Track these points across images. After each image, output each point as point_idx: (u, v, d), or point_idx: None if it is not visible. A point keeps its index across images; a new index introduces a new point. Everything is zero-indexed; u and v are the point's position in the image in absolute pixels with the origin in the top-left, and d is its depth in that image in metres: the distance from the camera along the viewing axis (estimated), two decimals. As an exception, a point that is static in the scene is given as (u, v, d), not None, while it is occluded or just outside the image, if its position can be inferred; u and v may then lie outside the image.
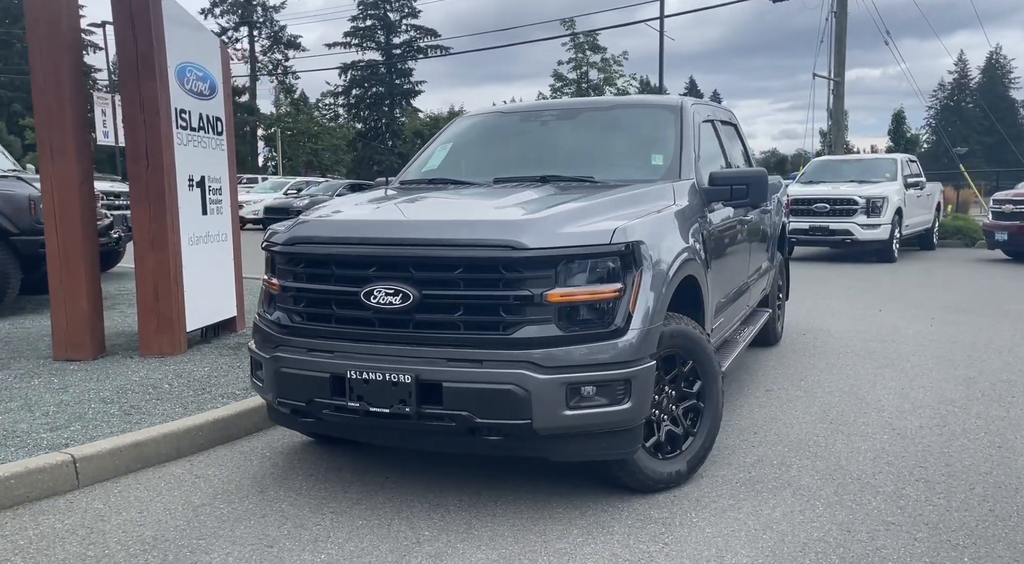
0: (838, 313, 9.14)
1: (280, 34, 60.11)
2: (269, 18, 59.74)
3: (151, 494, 3.91)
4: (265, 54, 60.35)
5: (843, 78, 27.10)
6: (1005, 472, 4.16)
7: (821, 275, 13.14)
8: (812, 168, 18.03)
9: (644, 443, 3.84)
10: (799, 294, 10.56)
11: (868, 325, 8.33)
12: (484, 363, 3.39)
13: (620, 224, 3.56)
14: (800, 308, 9.41)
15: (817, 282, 12.13)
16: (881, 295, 10.64)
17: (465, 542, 3.39)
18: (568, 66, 32.73)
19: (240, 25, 59.52)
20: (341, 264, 3.63)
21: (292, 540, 3.40)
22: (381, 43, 61.83)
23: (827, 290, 11.21)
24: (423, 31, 61.81)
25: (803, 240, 15.58)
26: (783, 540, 3.41)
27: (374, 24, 61.65)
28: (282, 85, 59.90)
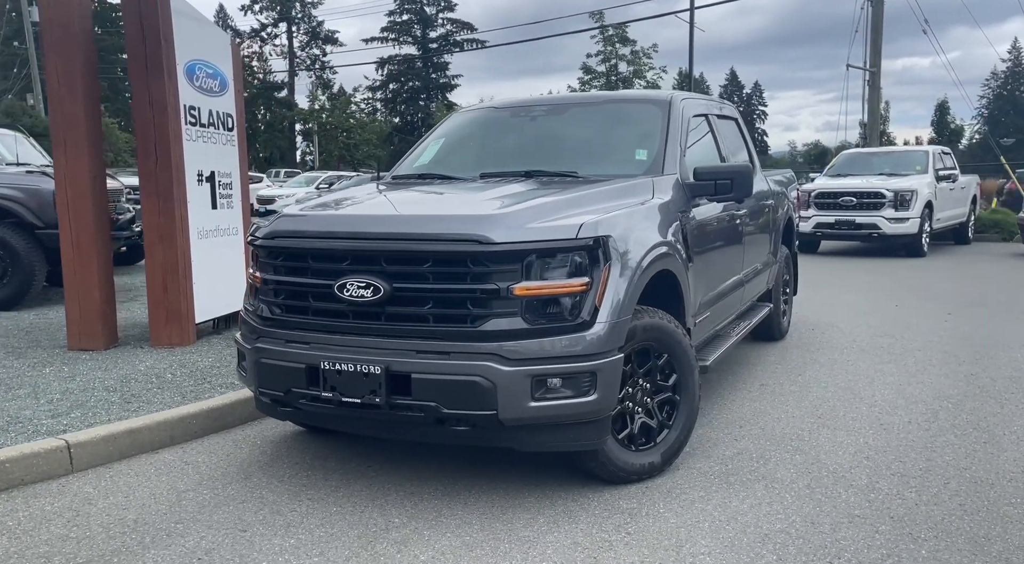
0: (852, 308, 9.07)
1: (318, 29, 60.68)
2: (307, 14, 60.31)
3: (140, 479, 4.06)
4: (303, 49, 60.96)
5: (879, 69, 26.68)
6: (984, 468, 4.14)
7: (843, 269, 13.02)
8: (841, 161, 17.81)
9: (616, 435, 3.90)
10: (815, 289, 10.50)
11: (881, 320, 8.26)
12: (451, 355, 3.47)
13: (587, 219, 3.61)
14: (813, 303, 9.35)
15: (837, 276, 12.03)
16: (902, 290, 10.52)
17: (432, 529, 3.48)
18: (597, 59, 32.59)
19: (279, 21, 60.18)
20: (317, 257, 3.73)
21: (266, 525, 3.52)
22: (417, 37, 62.14)
23: (846, 285, 11.11)
24: (459, 25, 62.00)
25: (829, 234, 15.42)
26: (744, 531, 3.45)
27: (411, 19, 61.97)
28: (319, 80, 60.48)
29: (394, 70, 62.02)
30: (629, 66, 32.17)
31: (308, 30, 60.67)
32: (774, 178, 7.09)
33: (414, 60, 62.03)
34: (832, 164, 17.92)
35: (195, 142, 6.68)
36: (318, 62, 60.88)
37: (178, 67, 6.47)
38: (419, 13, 61.72)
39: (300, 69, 60.92)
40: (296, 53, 60.98)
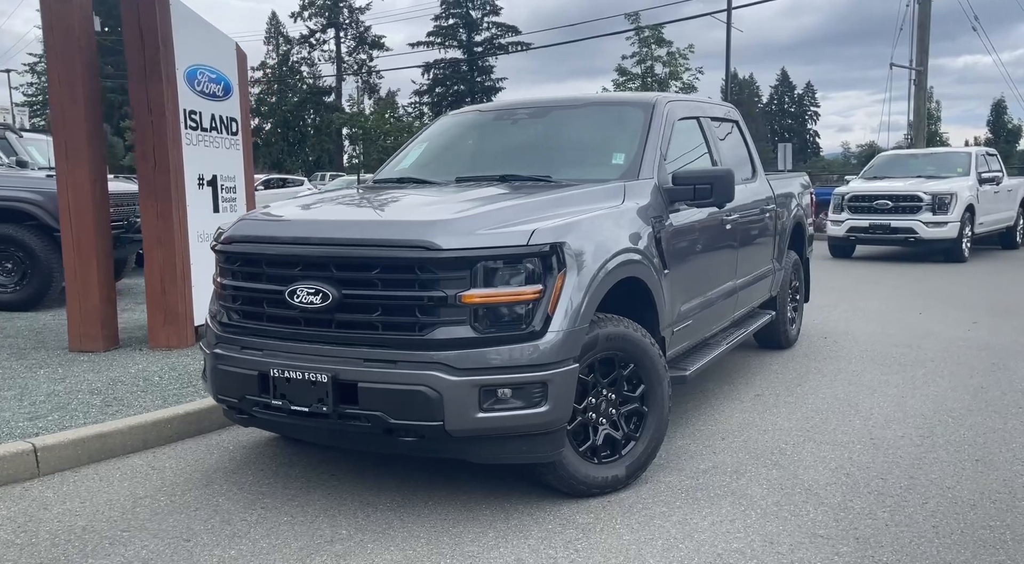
0: (872, 315, 8.79)
1: (365, 35, 61.18)
2: (355, 19, 60.86)
3: (102, 485, 4.06)
4: (351, 55, 61.56)
5: (926, 67, 26.05)
6: (970, 488, 3.94)
7: (873, 275, 12.67)
8: (879, 163, 17.36)
9: (577, 447, 3.79)
10: (839, 295, 10.24)
11: (899, 328, 7.99)
12: (398, 364, 3.41)
13: (540, 226, 3.52)
14: (833, 310, 9.11)
15: (865, 283, 11.70)
16: (932, 297, 10.18)
17: (377, 542, 3.41)
18: (632, 60, 32.23)
19: (327, 27, 60.84)
20: (270, 263, 3.70)
21: (212, 535, 3.48)
22: (463, 41, 62.32)
23: (872, 291, 10.80)
24: (504, 28, 62.00)
25: (863, 239, 15.04)
26: (698, 550, 3.32)
27: (456, 23, 62.17)
28: (366, 84, 61.00)
29: (439, 74, 62.29)
30: (665, 67, 31.80)
31: (355, 35, 61.23)
32: (781, 182, 6.89)
33: (459, 64, 62.22)
34: (869, 166, 17.46)
35: (196, 146, 6.72)
36: (364, 67, 61.42)
37: (178, 72, 6.52)
38: (464, 17, 61.89)
39: (347, 74, 61.54)
40: (343, 58, 61.60)
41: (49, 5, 6.32)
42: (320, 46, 61.68)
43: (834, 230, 15.42)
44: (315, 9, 60.06)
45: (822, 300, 9.86)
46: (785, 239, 6.64)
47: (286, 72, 61.54)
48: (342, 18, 60.58)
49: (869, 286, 11.30)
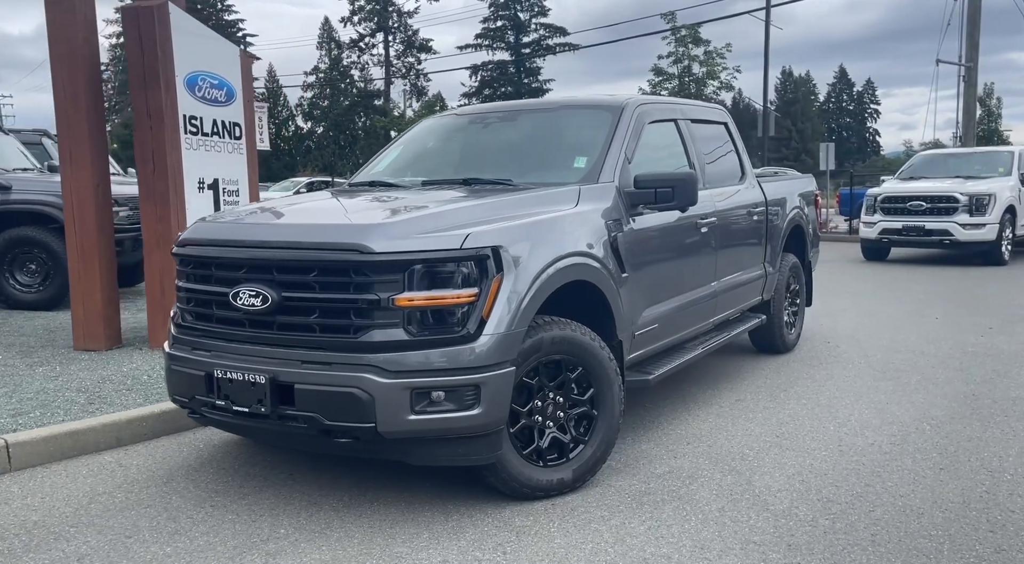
0: (885, 320, 8.61)
1: (413, 38, 61.78)
2: (403, 23, 61.48)
3: (67, 481, 4.19)
4: (399, 58, 62.18)
5: (976, 63, 25.33)
6: (924, 497, 3.86)
7: (901, 278, 12.39)
8: (918, 162, 16.95)
9: (521, 449, 3.80)
10: (856, 299, 10.07)
11: (908, 334, 7.81)
12: (333, 366, 3.46)
13: (476, 230, 3.55)
14: (845, 314, 8.95)
15: (890, 286, 11.45)
16: (956, 301, 9.93)
17: (311, 541, 3.47)
18: (668, 60, 31.90)
19: (376, 31, 61.58)
20: (218, 266, 3.78)
21: (155, 532, 3.57)
22: (511, 43, 62.48)
23: (894, 295, 10.57)
24: (552, 29, 61.99)
25: (896, 241, 14.71)
26: (625, 555, 3.32)
27: (504, 25, 62.35)
28: (414, 87, 61.53)
29: (486, 76, 62.53)
30: (702, 67, 31.45)
31: (404, 39, 61.85)
32: (776, 184, 6.80)
33: (506, 65, 62.38)
34: (907, 165, 17.06)
35: (196, 151, 6.88)
36: (413, 70, 61.99)
37: (177, 79, 6.67)
38: (513, 19, 62.03)
39: (395, 77, 62.17)
40: (392, 62, 62.25)
41: (54, 18, 6.54)
42: (369, 50, 62.47)
43: (866, 232, 15.12)
44: (364, 14, 60.84)
45: (838, 304, 9.71)
46: (779, 241, 6.55)
47: (336, 76, 62.40)
48: (391, 22, 61.22)
49: (893, 290, 11.06)
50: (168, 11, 6.55)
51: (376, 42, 61.95)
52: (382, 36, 61.87)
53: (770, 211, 6.37)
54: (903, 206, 14.56)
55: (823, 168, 25.84)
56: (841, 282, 11.91)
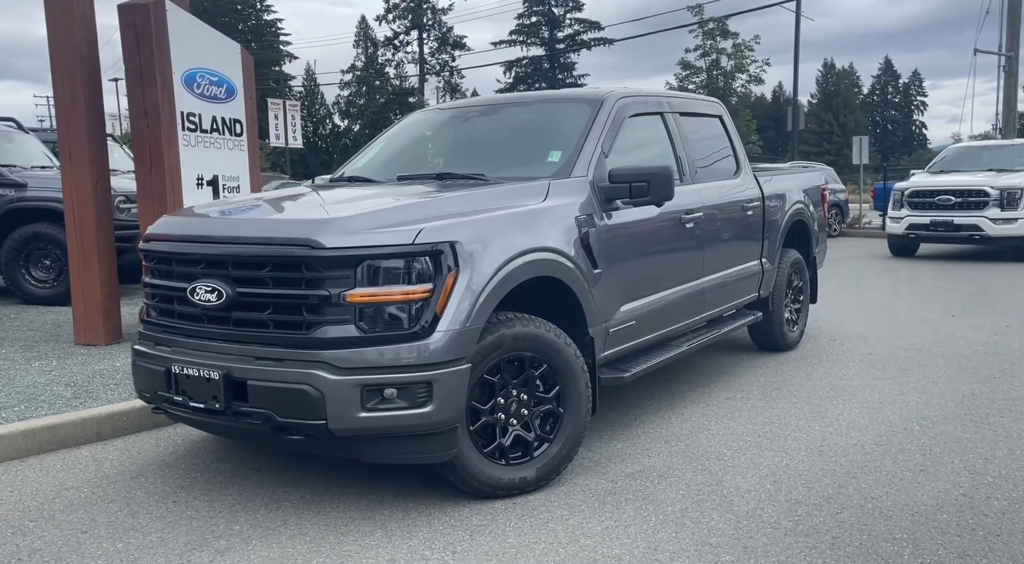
0: (898, 318, 8.40)
1: (447, 35, 62.01)
2: (438, 20, 61.72)
3: (39, 475, 4.23)
4: (433, 55, 62.45)
5: (1016, 53, 24.64)
6: (896, 500, 3.74)
7: (925, 275, 12.09)
8: (949, 155, 16.51)
9: (482, 448, 3.76)
10: (871, 296, 9.87)
11: (921, 332, 7.61)
12: (285, 362, 3.45)
13: (429, 225, 3.50)
14: (858, 312, 8.76)
15: (911, 283, 11.19)
16: (979, 299, 9.66)
17: (263, 539, 3.46)
18: (696, 54, 31.45)
19: (411, 29, 61.92)
20: (178, 261, 3.79)
21: (112, 527, 3.59)
22: (545, 39, 62.37)
23: (914, 292, 10.32)
24: (587, 24, 61.73)
25: (924, 236, 14.38)
26: (576, 555, 3.26)
27: (539, 20, 62.27)
28: (448, 84, 61.75)
29: (520, 72, 62.51)
30: (730, 60, 30.95)
31: (438, 36, 62.10)
32: (777, 178, 6.66)
33: (541, 61, 62.31)
34: (939, 158, 16.64)
35: (194, 147, 6.92)
36: (447, 67, 62.21)
37: (175, 76, 6.71)
38: (547, 14, 61.92)
39: (430, 74, 62.43)
40: (426, 59, 62.52)
41: (53, 17, 6.62)
42: (403, 48, 62.81)
43: (893, 227, 14.81)
44: (399, 11, 61.19)
45: (854, 300, 9.52)
46: (777, 237, 6.41)
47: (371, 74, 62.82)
48: (425, 19, 61.47)
49: (914, 287, 10.80)
50: (165, 9, 6.59)
51: (410, 39, 62.39)
52: (416, 34, 62.16)
53: (768, 206, 6.24)
54: (931, 200, 14.23)
55: (856, 162, 25.40)
56: (863, 278, 11.68)
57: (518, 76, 62.52)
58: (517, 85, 62.41)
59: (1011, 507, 3.65)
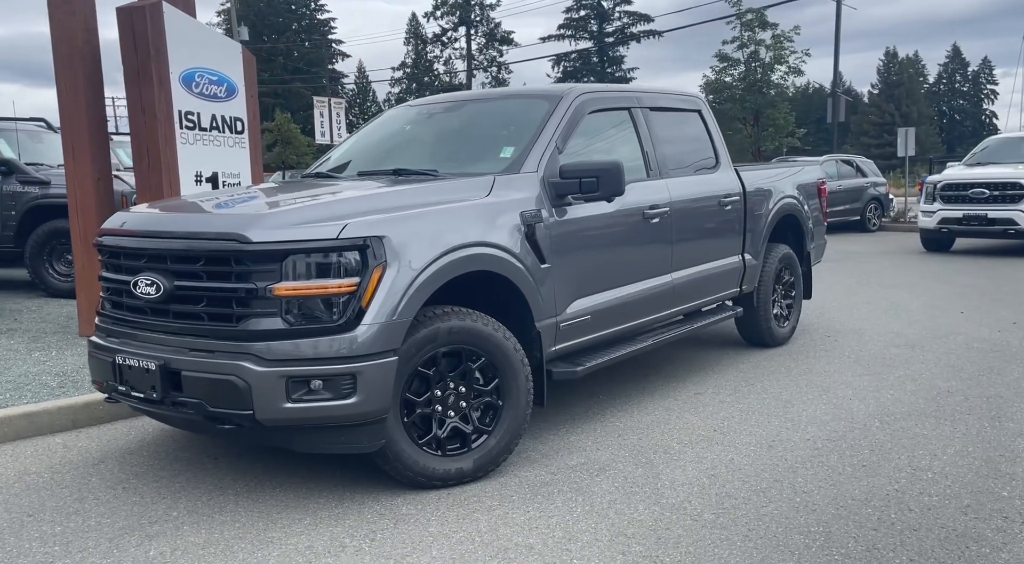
0: (903, 313, 8.25)
1: (495, 31, 62.20)
2: (485, 16, 61.97)
3: (9, 461, 4.44)
4: (481, 52, 62.73)
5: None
6: (826, 494, 3.73)
7: (951, 270, 11.80)
8: (990, 147, 16.02)
9: (417, 438, 3.83)
10: (882, 291, 9.70)
11: (922, 328, 7.47)
12: (216, 353, 3.57)
13: (357, 219, 3.59)
14: (864, 307, 8.63)
15: (929, 279, 10.92)
16: (993, 296, 9.39)
17: (195, 524, 3.58)
18: (732, 46, 30.91)
19: (459, 25, 62.28)
20: (125, 255, 3.94)
21: (57, 512, 3.74)
22: (594, 32, 62.13)
23: (929, 288, 10.08)
24: (636, 17, 61.31)
25: (956, 231, 13.99)
26: (491, 544, 3.34)
27: (588, 14, 62.07)
28: (495, 80, 61.87)
29: (569, 67, 62.38)
30: (768, 51, 30.40)
31: (486, 32, 62.33)
32: (762, 172, 6.60)
33: (589, 55, 62.11)
34: (978, 149, 16.17)
35: (193, 145, 7.11)
36: (495, 63, 62.42)
37: (172, 76, 6.90)
38: (596, 8, 61.67)
39: (477, 69, 62.71)
40: (474, 55, 62.81)
41: (57, 19, 6.86)
42: (451, 44, 63.19)
43: (925, 222, 14.45)
44: (447, 8, 61.55)
45: (865, 295, 9.37)
46: (761, 231, 6.35)
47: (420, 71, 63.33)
48: (473, 15, 61.72)
49: (934, 282, 10.56)
50: (162, 10, 6.78)
51: (458, 36, 62.64)
52: (464, 30, 62.46)
53: (750, 200, 6.19)
54: (964, 194, 13.85)
55: (901, 154, 24.79)
56: (884, 274, 11.46)
57: (566, 70, 62.38)
58: (566, 79, 62.21)
59: (941, 503, 3.61)
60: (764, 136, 31.63)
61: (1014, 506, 3.58)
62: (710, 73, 32.81)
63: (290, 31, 67.29)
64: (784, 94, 31.88)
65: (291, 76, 63.23)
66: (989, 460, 4.13)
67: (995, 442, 4.39)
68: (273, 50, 62.99)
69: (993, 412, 4.91)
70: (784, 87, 31.41)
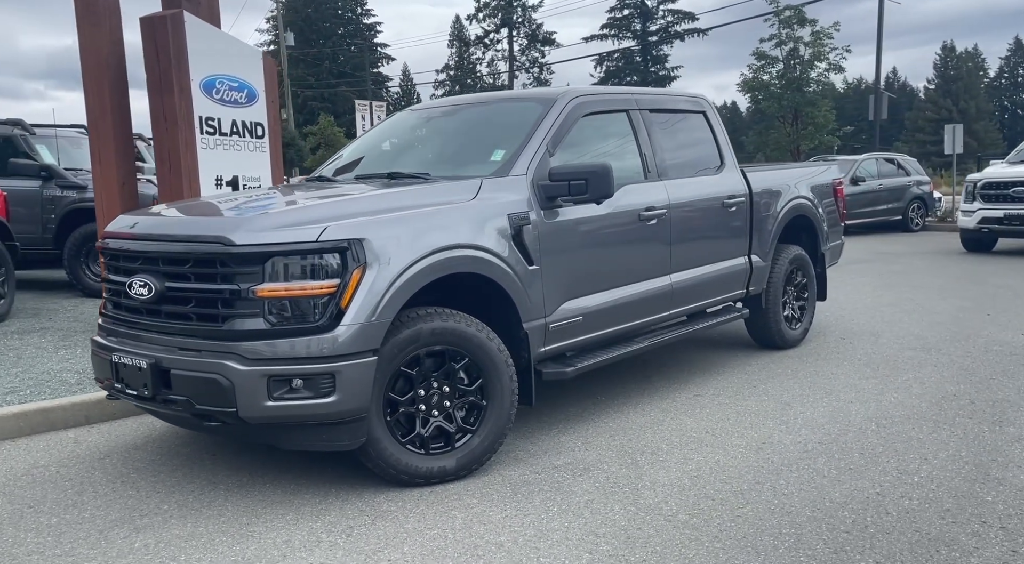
0: (925, 315, 8.11)
1: (537, 32, 62.32)
2: (527, 17, 62.14)
3: (21, 454, 4.63)
4: (523, 53, 62.90)
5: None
6: (806, 497, 3.73)
7: (980, 272, 11.52)
8: (1035, 145, 15.65)
9: (401, 437, 3.91)
10: (907, 293, 9.52)
11: (940, 330, 7.35)
12: (202, 352, 3.69)
13: (336, 223, 3.69)
14: (886, 309, 8.50)
15: (961, 281, 10.70)
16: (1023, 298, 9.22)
17: (182, 518, 3.69)
18: (770, 43, 30.39)
19: (501, 27, 62.52)
20: (123, 258, 4.08)
21: (56, 504, 3.87)
22: (637, 32, 61.83)
23: (959, 290, 9.88)
24: (680, 15, 60.82)
25: (997, 231, 13.66)
26: (462, 541, 3.40)
27: (631, 13, 61.79)
28: (537, 81, 61.94)
29: (612, 66, 62.16)
30: (807, 48, 29.86)
31: (528, 33, 62.48)
32: (771, 173, 6.56)
33: (633, 55, 61.82)
34: (1021, 147, 15.77)
35: (213, 150, 7.30)
36: (536, 64, 62.54)
37: (193, 83, 7.10)
38: (640, 6, 61.33)
39: (519, 71, 62.83)
40: (516, 56, 62.97)
41: (84, 30, 7.10)
42: (494, 46, 63.44)
43: (964, 222, 14.15)
44: (490, 10, 61.82)
45: (891, 297, 9.23)
46: (770, 233, 6.31)
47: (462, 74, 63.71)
48: (515, 17, 61.91)
49: (966, 284, 10.34)
50: (183, 20, 6.98)
51: (501, 37, 62.83)
52: (506, 31, 62.65)
53: (757, 201, 6.16)
54: (1005, 192, 13.53)
55: (948, 151, 24.24)
56: (916, 274, 11.26)
57: (609, 70, 62.17)
58: (609, 79, 62.01)
59: (921, 506, 3.58)
60: (803, 134, 31.16)
61: (995, 511, 3.54)
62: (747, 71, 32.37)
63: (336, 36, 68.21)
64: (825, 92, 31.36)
65: (337, 80, 64.09)
66: (980, 464, 4.08)
67: (991, 447, 4.33)
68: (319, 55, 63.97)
69: (996, 416, 4.83)
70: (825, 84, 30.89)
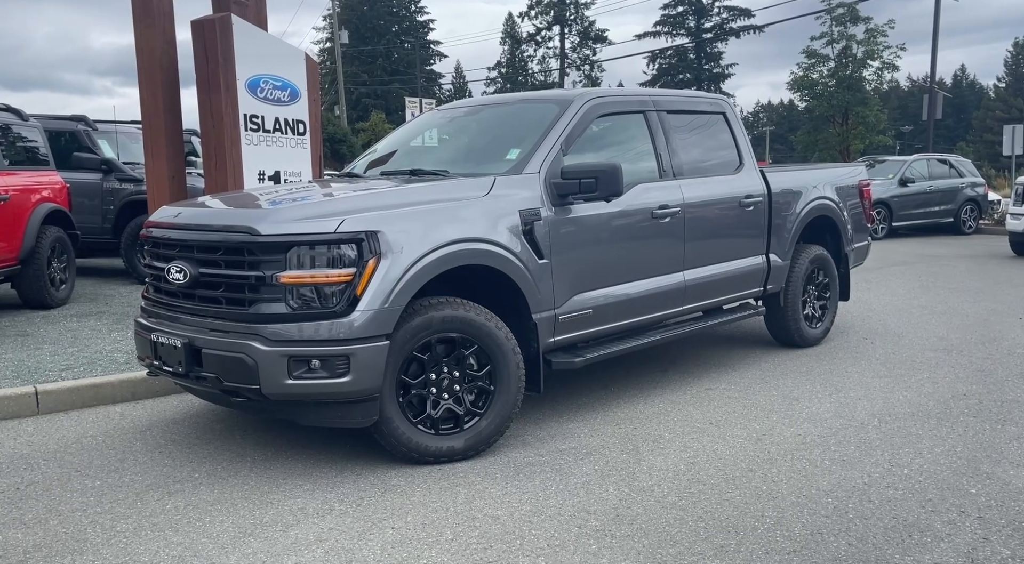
0: (955, 318, 8.12)
1: (589, 29, 62.34)
2: (580, 15, 62.19)
3: (73, 425, 5.00)
4: (575, 50, 62.99)
5: None
6: (792, 484, 3.90)
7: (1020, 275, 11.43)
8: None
9: (412, 417, 4.18)
10: (945, 296, 9.51)
11: (966, 333, 7.38)
12: (230, 333, 4.00)
13: (354, 215, 3.97)
14: (914, 311, 8.53)
15: (1000, 284, 10.61)
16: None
17: (210, 485, 4.01)
18: (821, 41, 29.91)
19: (553, 24, 62.69)
20: (163, 245, 4.42)
21: (100, 469, 4.23)
22: (691, 29, 61.47)
23: (996, 293, 9.82)
24: (736, 12, 60.26)
25: (1036, 233, 13.49)
26: (462, 513, 3.65)
27: (685, 10, 61.44)
28: (588, 79, 61.93)
29: (665, 64, 61.88)
30: (860, 46, 29.32)
31: (580, 31, 62.52)
32: (792, 174, 6.69)
33: (686, 52, 61.47)
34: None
35: (256, 146, 7.67)
36: (588, 61, 62.53)
37: (239, 82, 7.47)
38: (695, 3, 60.93)
39: (571, 68, 62.97)
40: (567, 54, 63.08)
41: (140, 31, 7.51)
42: (546, 43, 63.65)
43: (1013, 225, 13.97)
44: (542, 7, 62.01)
45: (924, 300, 9.24)
46: (789, 232, 6.43)
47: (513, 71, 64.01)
48: (568, 14, 61.98)
49: (1005, 287, 10.27)
50: (231, 23, 7.35)
51: (553, 35, 62.98)
52: (558, 29, 62.77)
53: (775, 201, 6.29)
54: (1045, 195, 13.36)
55: (1007, 153, 23.79)
56: (955, 277, 11.20)
57: (662, 68, 61.91)
58: (661, 77, 61.79)
59: (904, 496, 3.73)
60: (854, 134, 30.70)
61: (976, 502, 3.67)
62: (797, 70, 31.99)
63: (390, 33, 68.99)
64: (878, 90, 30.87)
65: (390, 77, 64.85)
66: (972, 459, 4.20)
67: (988, 443, 4.44)
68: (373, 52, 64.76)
69: (1001, 416, 4.92)
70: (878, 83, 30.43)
